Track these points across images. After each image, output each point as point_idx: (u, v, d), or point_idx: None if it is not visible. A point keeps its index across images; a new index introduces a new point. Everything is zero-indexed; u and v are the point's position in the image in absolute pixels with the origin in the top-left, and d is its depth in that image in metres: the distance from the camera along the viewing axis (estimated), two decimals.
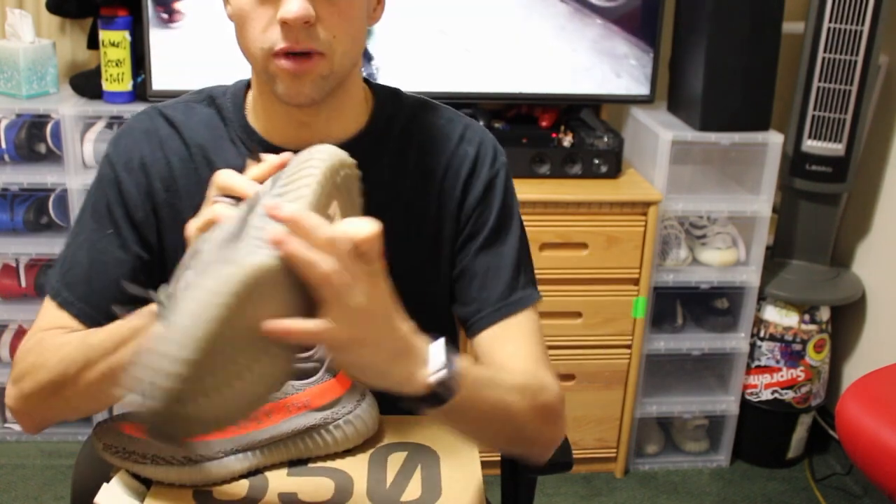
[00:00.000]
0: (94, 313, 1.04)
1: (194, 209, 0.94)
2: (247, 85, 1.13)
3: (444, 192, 1.11)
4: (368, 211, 0.93)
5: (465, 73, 2.20)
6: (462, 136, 1.13)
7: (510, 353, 1.07)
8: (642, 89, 2.27)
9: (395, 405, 0.88)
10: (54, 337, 1.01)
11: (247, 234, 0.76)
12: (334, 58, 0.99)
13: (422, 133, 1.12)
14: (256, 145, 1.07)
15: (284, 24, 0.95)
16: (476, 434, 0.97)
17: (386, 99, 1.13)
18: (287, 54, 0.97)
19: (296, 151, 0.90)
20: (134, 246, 1.07)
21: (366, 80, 1.15)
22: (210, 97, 1.12)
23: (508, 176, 1.15)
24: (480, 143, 1.13)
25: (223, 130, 1.09)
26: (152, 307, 0.85)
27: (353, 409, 1.00)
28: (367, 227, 0.78)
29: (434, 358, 0.85)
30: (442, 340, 0.86)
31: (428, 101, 1.16)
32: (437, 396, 0.85)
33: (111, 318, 1.00)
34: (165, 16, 2.06)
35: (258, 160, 0.91)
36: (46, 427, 1.04)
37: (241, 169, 0.95)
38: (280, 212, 0.74)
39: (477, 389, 0.90)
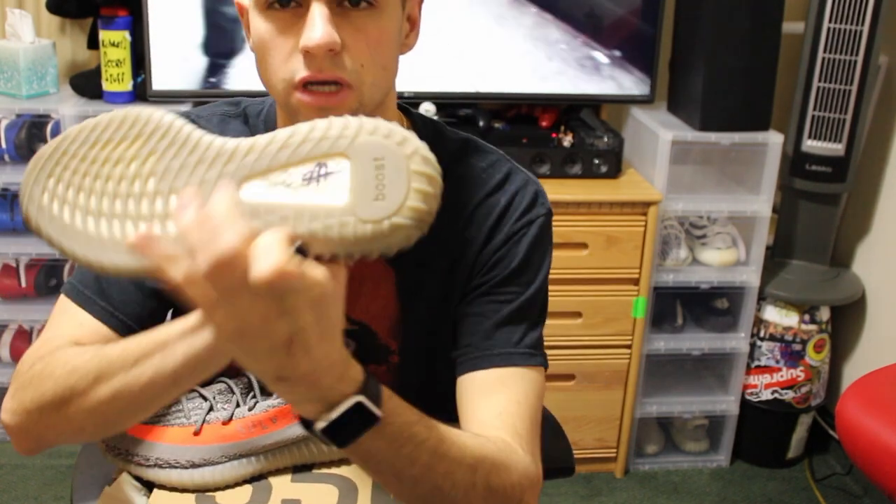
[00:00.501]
0: (111, 310, 0.97)
1: None
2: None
3: (468, 239, 1.03)
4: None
5: (465, 73, 2.20)
6: (499, 185, 1.04)
7: (492, 408, 0.95)
8: (642, 89, 2.27)
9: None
10: (66, 347, 0.91)
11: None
12: (363, 89, 0.89)
13: (457, 177, 1.03)
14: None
15: (307, 53, 0.86)
16: (390, 486, 0.84)
17: (426, 135, 1.01)
18: (310, 85, 0.88)
19: None
20: None
21: (403, 109, 1.06)
22: (245, 115, 1.06)
23: (543, 231, 1.04)
24: (516, 192, 1.04)
25: None
26: (181, 323, 0.77)
27: None
28: (271, 260, 0.61)
29: (354, 374, 0.74)
30: (360, 374, 0.74)
31: (473, 142, 1.07)
32: (359, 419, 0.73)
33: (130, 316, 0.97)
34: None
35: None
36: (43, 449, 0.93)
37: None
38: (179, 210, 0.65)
39: (404, 440, 0.78)
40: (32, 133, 2.21)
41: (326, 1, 0.86)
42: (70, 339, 0.94)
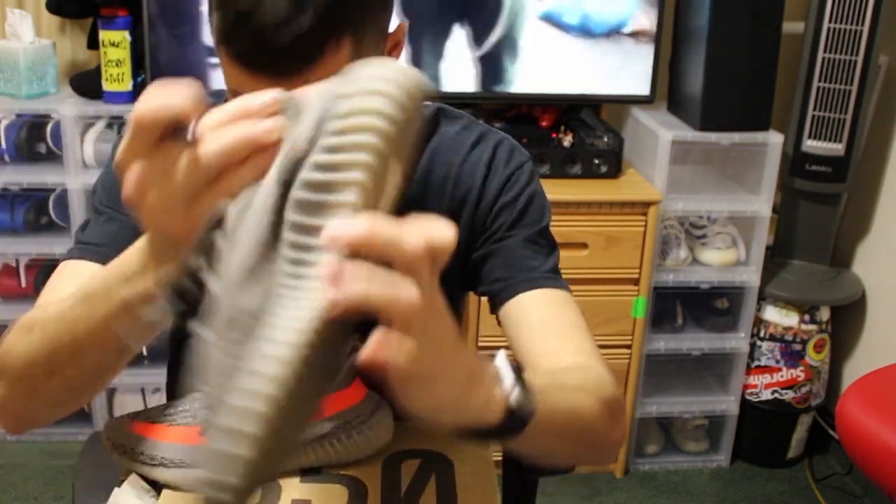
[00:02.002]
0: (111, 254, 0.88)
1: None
2: None
3: (459, 198, 1.07)
4: None
5: (465, 73, 2.20)
6: (477, 142, 1.09)
7: (546, 330, 1.00)
8: (642, 89, 2.27)
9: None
10: (23, 317, 0.88)
11: (285, 255, 0.59)
12: None
13: (435, 140, 1.08)
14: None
15: None
16: (554, 449, 0.85)
17: None
18: None
19: None
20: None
21: None
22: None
23: (533, 174, 1.09)
24: (496, 146, 1.09)
25: None
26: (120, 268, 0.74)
27: (368, 419, 1.00)
28: (444, 233, 0.56)
29: (504, 374, 0.70)
30: (502, 352, 0.73)
31: (442, 109, 1.12)
32: (519, 417, 0.70)
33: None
34: None
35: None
36: (27, 428, 0.91)
37: None
38: (338, 240, 0.54)
39: (546, 396, 0.75)
40: (32, 133, 2.21)
41: None
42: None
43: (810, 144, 2.29)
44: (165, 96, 0.61)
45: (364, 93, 0.59)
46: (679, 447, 2.52)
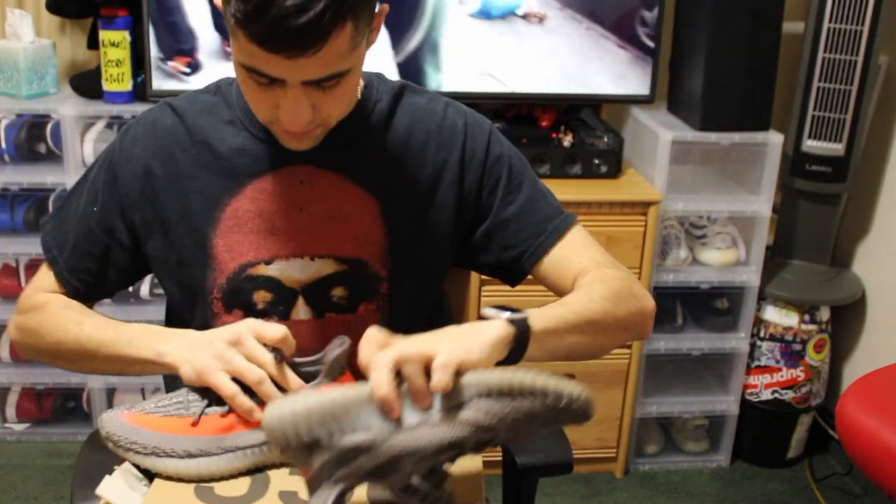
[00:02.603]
0: (72, 280, 1.19)
1: (195, 189, 1.14)
2: None
3: (441, 162, 1.18)
4: (368, 184, 1.14)
5: (465, 73, 2.20)
6: (446, 110, 1.21)
7: (575, 270, 1.17)
8: (642, 89, 2.27)
9: None
10: (56, 307, 1.17)
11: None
12: (329, 122, 1.07)
13: (408, 109, 1.20)
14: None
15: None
16: (578, 348, 1.07)
17: (372, 82, 1.20)
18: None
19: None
20: (117, 231, 1.17)
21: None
22: (217, 86, 1.20)
23: (499, 133, 1.23)
24: (466, 114, 1.22)
25: (226, 115, 1.16)
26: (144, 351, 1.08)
27: None
28: (373, 343, 0.92)
29: (492, 314, 0.97)
30: (486, 308, 0.98)
31: (408, 84, 1.23)
32: (521, 325, 0.96)
33: (82, 283, 1.19)
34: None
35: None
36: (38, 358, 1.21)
37: (239, 146, 1.14)
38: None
39: (546, 312, 1.01)
40: (32, 133, 2.22)
41: (302, 87, 0.99)
42: (50, 291, 1.21)
43: (810, 144, 2.29)
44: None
45: None
46: (679, 447, 2.52)
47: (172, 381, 1.26)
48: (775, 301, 2.38)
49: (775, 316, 2.38)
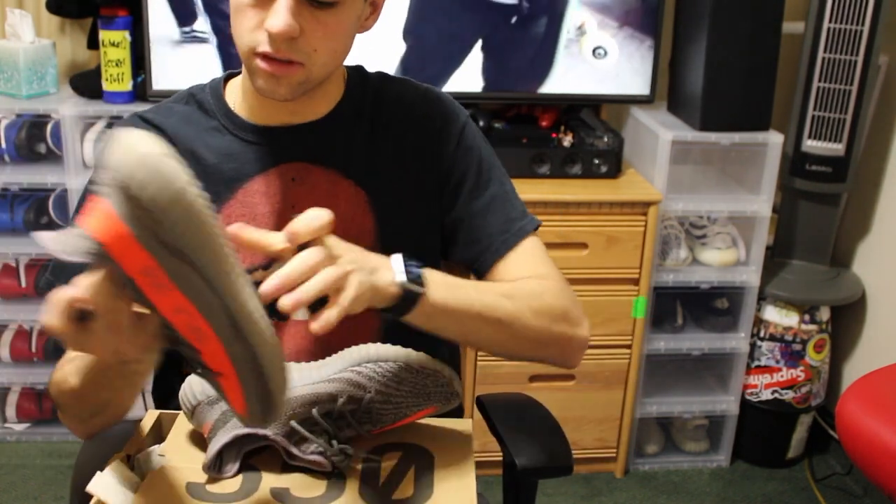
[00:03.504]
0: None
1: None
2: (225, 78, 1.21)
3: (420, 149, 1.18)
4: (356, 176, 1.14)
5: (465, 73, 2.20)
6: (424, 97, 1.21)
7: (519, 276, 1.15)
8: (642, 89, 2.27)
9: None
10: (70, 366, 1.08)
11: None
12: (312, 68, 1.05)
13: (390, 101, 1.19)
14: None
15: (269, 33, 1.01)
16: (476, 338, 1.08)
17: (355, 75, 1.20)
18: (267, 56, 1.03)
19: (278, 129, 1.12)
20: None
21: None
22: (189, 95, 1.19)
23: (475, 126, 1.22)
24: (442, 101, 1.22)
25: (206, 122, 1.15)
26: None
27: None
28: (316, 221, 0.89)
29: (395, 264, 0.97)
30: (398, 255, 0.98)
31: (387, 74, 1.23)
32: (409, 291, 0.96)
33: None
34: None
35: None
36: (100, 430, 1.09)
37: (225, 150, 1.12)
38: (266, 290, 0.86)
39: (455, 290, 1.01)
40: (32, 133, 2.22)
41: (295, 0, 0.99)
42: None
43: (810, 144, 2.29)
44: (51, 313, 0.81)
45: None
46: (679, 447, 2.52)
47: (162, 391, 1.25)
48: (775, 301, 2.38)
49: (775, 316, 2.38)
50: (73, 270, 1.10)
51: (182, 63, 2.10)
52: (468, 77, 2.20)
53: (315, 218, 0.89)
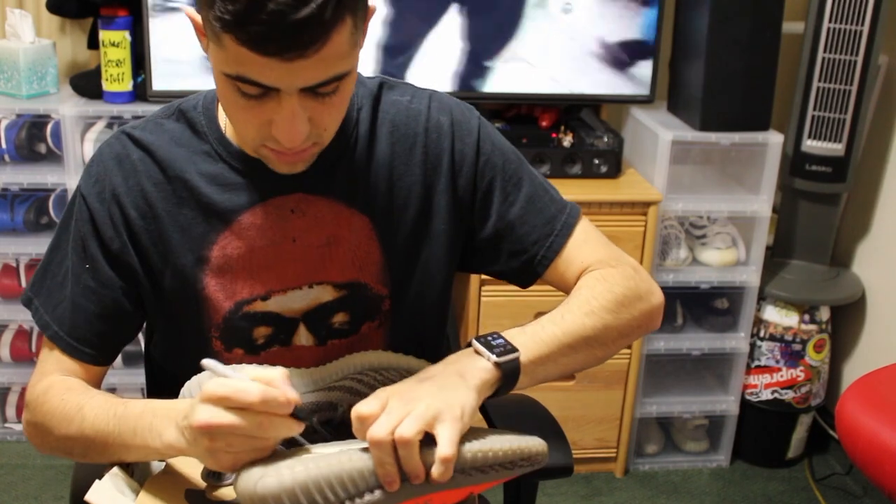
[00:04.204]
0: (85, 349, 1.09)
1: (176, 229, 1.05)
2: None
3: (430, 168, 1.11)
4: (359, 204, 1.08)
5: (465, 73, 2.20)
6: (430, 108, 1.13)
7: (578, 270, 1.13)
8: (642, 89, 2.27)
9: None
10: (57, 395, 1.04)
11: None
12: (325, 142, 1.00)
13: (392, 112, 1.12)
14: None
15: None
16: (574, 367, 1.04)
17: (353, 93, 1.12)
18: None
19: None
20: (112, 279, 1.08)
21: None
22: (180, 111, 1.10)
23: (488, 124, 1.16)
24: (451, 109, 1.14)
25: (198, 145, 1.07)
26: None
27: None
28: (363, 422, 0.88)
29: (481, 349, 0.95)
30: (472, 339, 0.96)
31: (385, 80, 1.15)
32: (508, 366, 0.95)
33: (94, 347, 1.09)
34: None
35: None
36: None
37: (218, 179, 1.05)
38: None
39: (539, 335, 1.00)
40: (32, 133, 2.21)
41: (299, 96, 0.91)
42: (57, 374, 1.09)
43: (810, 144, 2.29)
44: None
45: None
46: (679, 447, 2.52)
47: (156, 390, 1.25)
48: (775, 301, 2.38)
49: (775, 316, 2.38)
50: (52, 286, 1.10)
51: (182, 63, 2.10)
52: (468, 77, 2.21)
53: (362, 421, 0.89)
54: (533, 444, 0.95)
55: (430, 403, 0.88)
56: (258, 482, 0.83)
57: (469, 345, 0.97)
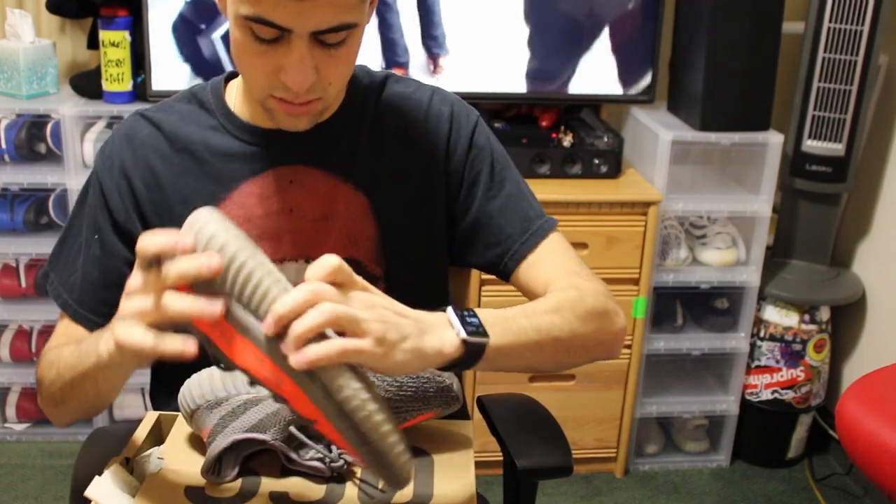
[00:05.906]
0: (89, 315, 1.13)
1: (179, 200, 1.11)
2: (226, 78, 1.19)
3: (427, 152, 1.16)
4: (357, 180, 1.12)
5: (465, 72, 2.20)
6: (432, 99, 1.19)
7: (547, 276, 1.13)
8: (642, 89, 2.27)
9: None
10: (55, 352, 1.08)
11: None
12: (329, 98, 1.04)
13: (395, 101, 1.18)
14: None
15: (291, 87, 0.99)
16: (534, 364, 1.02)
17: (358, 76, 1.18)
18: (285, 100, 1.02)
19: (277, 132, 1.07)
20: (118, 248, 1.13)
21: None
22: (191, 94, 1.18)
23: (486, 125, 1.21)
24: (452, 102, 1.20)
25: (206, 120, 1.14)
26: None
27: None
28: (326, 265, 0.83)
29: (452, 318, 0.91)
30: (449, 307, 0.93)
31: (392, 75, 1.21)
32: (475, 346, 0.91)
33: (100, 315, 1.12)
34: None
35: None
36: (73, 421, 1.10)
37: (223, 150, 1.11)
38: (270, 329, 0.80)
39: (510, 324, 0.96)
40: (32, 133, 2.21)
41: (309, 42, 0.96)
42: (65, 342, 1.12)
43: (810, 144, 2.29)
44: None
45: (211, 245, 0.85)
46: (679, 447, 2.52)
47: (161, 393, 1.25)
48: (775, 301, 2.38)
49: (775, 316, 2.38)
50: (67, 259, 1.14)
51: (182, 63, 2.10)
52: (469, 77, 2.21)
53: (325, 264, 0.83)
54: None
55: (391, 320, 0.84)
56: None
57: (444, 311, 0.94)
